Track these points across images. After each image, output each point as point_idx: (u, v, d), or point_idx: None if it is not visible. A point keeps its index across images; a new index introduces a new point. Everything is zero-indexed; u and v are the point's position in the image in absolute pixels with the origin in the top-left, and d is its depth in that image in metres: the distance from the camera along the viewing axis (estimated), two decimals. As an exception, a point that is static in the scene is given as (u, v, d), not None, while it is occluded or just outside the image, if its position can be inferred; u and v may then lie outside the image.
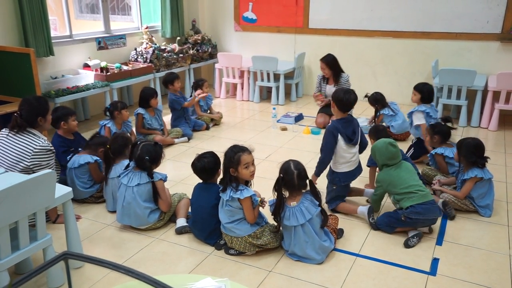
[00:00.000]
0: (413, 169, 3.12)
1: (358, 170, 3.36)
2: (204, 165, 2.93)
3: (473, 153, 3.24)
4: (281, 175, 2.69)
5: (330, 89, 5.33)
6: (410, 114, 4.27)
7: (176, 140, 4.86)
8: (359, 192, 3.52)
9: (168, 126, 5.19)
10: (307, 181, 2.72)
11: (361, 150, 3.41)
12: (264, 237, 2.77)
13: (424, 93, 4.21)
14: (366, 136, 3.54)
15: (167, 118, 5.46)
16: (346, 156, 3.24)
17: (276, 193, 2.70)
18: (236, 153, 2.71)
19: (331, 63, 5.27)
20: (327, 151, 3.24)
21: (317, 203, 2.71)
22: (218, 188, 2.84)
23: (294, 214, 2.66)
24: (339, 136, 3.21)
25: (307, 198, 2.71)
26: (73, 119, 3.63)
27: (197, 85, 5.45)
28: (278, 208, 2.69)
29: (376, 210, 3.28)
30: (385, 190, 3.13)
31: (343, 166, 3.26)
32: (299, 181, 2.68)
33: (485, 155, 3.29)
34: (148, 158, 3.02)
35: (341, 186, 3.30)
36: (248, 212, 2.71)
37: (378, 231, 3.08)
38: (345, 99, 3.22)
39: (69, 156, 3.51)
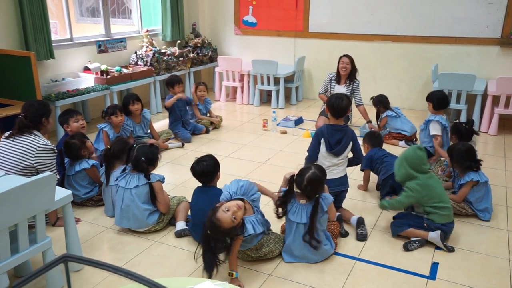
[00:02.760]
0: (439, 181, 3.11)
1: (336, 182, 3.19)
2: (203, 168, 2.92)
3: (465, 158, 3.25)
4: (295, 175, 2.70)
5: (339, 89, 5.31)
6: (428, 122, 4.15)
7: (170, 145, 4.84)
8: (346, 217, 3.23)
9: (165, 128, 5.20)
10: (317, 196, 2.67)
11: (353, 163, 3.32)
12: (264, 248, 2.75)
13: (433, 100, 4.17)
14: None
15: (162, 122, 5.45)
16: (324, 163, 3.14)
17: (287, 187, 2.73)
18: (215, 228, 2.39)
19: (352, 61, 5.26)
20: (310, 151, 3.28)
21: (325, 209, 2.71)
22: (217, 191, 2.84)
23: (300, 211, 2.67)
24: (322, 141, 3.21)
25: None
26: (74, 120, 3.66)
27: (196, 88, 5.47)
28: (284, 204, 2.72)
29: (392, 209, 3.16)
30: (417, 200, 2.95)
31: None
32: (305, 191, 2.67)
33: (477, 158, 3.30)
34: (144, 159, 3.03)
35: None
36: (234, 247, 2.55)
37: (363, 241, 3.02)
38: (336, 104, 3.17)
39: (66, 161, 3.50)
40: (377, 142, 3.79)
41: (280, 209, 2.76)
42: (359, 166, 3.63)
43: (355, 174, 4.02)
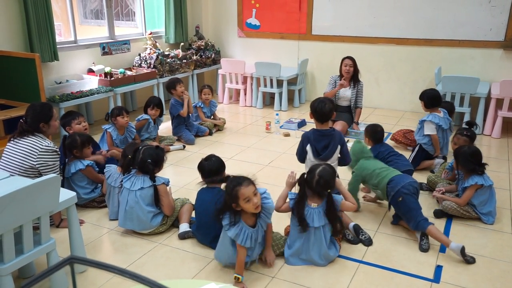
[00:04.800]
0: (381, 162, 3.39)
1: None
2: (213, 163, 2.96)
3: (470, 161, 3.24)
4: (305, 173, 2.71)
5: (344, 92, 5.29)
6: (422, 122, 4.19)
7: (171, 148, 4.85)
8: (345, 222, 3.11)
9: (169, 133, 5.23)
10: (326, 192, 2.67)
11: (340, 164, 3.30)
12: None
13: (424, 99, 4.21)
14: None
15: (164, 125, 5.46)
16: None
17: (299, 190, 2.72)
18: (234, 187, 2.46)
19: (355, 63, 5.21)
20: (297, 155, 3.34)
21: (338, 208, 2.72)
22: (222, 192, 2.84)
23: (312, 215, 2.67)
24: (308, 146, 3.17)
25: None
26: (76, 122, 3.66)
27: (200, 91, 5.50)
28: (298, 204, 2.67)
29: (354, 193, 3.29)
30: (361, 177, 3.31)
31: None
32: (317, 187, 2.66)
33: (483, 161, 3.30)
34: (151, 161, 3.03)
35: None
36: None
37: (370, 245, 3.01)
38: (319, 109, 3.13)
39: (62, 164, 3.46)
40: (378, 138, 3.75)
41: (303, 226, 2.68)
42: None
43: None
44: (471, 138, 3.71)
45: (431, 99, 4.19)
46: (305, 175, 2.71)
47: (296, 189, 2.84)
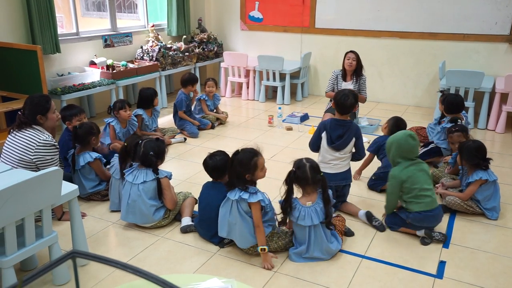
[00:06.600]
0: (429, 172, 3.00)
1: (339, 176, 3.21)
2: (216, 163, 2.93)
3: (475, 156, 3.23)
4: (294, 169, 2.69)
5: (346, 86, 5.25)
6: (443, 129, 4.09)
7: (172, 140, 4.84)
8: (353, 211, 3.26)
9: (171, 125, 5.22)
10: (320, 176, 2.69)
11: (353, 158, 3.31)
12: (275, 241, 2.77)
13: (444, 103, 4.18)
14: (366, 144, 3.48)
15: (166, 118, 5.44)
16: (326, 157, 3.21)
17: (286, 188, 2.70)
18: (252, 158, 2.66)
19: (358, 57, 5.15)
20: (310, 144, 3.35)
21: (328, 201, 2.71)
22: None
23: (309, 214, 2.65)
24: (324, 134, 3.22)
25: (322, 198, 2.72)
26: (77, 119, 3.63)
27: (204, 83, 5.50)
28: (286, 202, 2.67)
29: (389, 212, 3.10)
30: (401, 185, 2.91)
31: (321, 165, 2.93)
32: (312, 172, 2.65)
33: (487, 156, 3.28)
34: (153, 153, 3.02)
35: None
36: (256, 216, 2.64)
37: (384, 231, 3.07)
38: (340, 102, 3.20)
39: (69, 155, 3.48)
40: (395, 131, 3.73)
41: (284, 218, 2.75)
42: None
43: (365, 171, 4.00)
44: (463, 130, 3.69)
45: (449, 105, 4.13)
46: (294, 172, 2.68)
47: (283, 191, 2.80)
